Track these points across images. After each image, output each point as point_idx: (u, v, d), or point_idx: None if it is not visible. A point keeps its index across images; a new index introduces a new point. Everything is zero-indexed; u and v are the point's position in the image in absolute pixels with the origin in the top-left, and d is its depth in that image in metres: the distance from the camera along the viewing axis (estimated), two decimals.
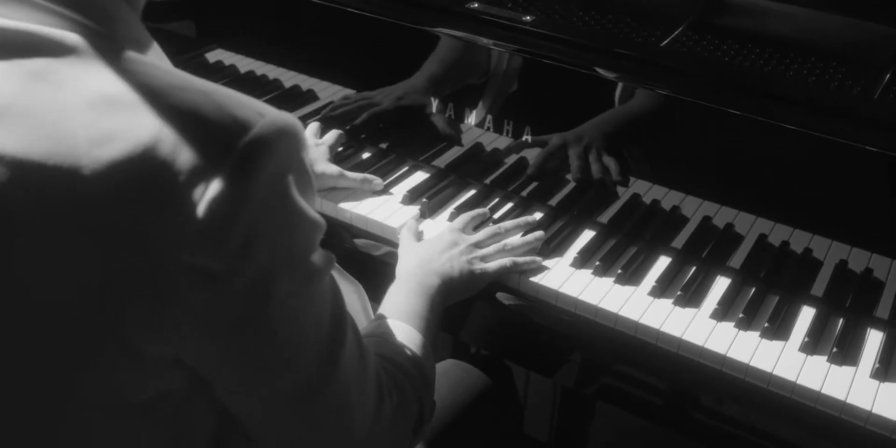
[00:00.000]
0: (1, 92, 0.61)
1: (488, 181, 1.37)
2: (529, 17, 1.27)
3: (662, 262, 1.22)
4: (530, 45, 1.24)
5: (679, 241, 1.23)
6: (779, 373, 1.05)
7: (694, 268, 1.21)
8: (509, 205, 1.34)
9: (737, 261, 1.20)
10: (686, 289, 1.16)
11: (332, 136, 1.41)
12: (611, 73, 1.20)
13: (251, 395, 0.73)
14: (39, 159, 0.59)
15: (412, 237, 1.22)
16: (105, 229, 0.60)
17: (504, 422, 1.31)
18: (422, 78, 1.37)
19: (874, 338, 1.11)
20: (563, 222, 1.30)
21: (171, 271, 0.60)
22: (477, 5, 1.31)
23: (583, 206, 1.29)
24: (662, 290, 1.17)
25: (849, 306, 1.14)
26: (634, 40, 1.33)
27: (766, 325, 1.10)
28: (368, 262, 1.31)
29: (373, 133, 1.47)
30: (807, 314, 1.14)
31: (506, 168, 1.35)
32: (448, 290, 1.10)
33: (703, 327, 1.11)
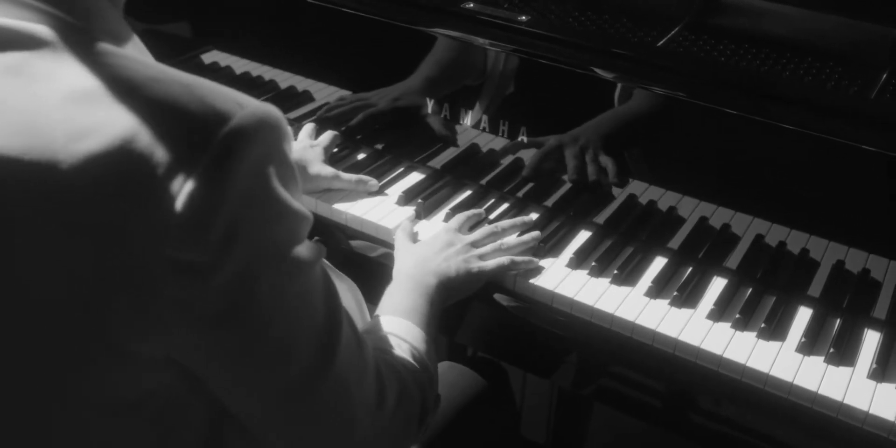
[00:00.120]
0: None
1: (484, 182, 1.36)
2: (525, 17, 1.27)
3: (659, 263, 1.22)
4: (526, 44, 1.24)
5: (675, 242, 1.23)
6: (775, 373, 1.04)
7: (690, 268, 1.21)
8: (505, 205, 1.34)
9: (733, 261, 1.19)
10: (682, 289, 1.16)
11: (327, 138, 1.41)
12: (607, 72, 1.19)
13: (246, 391, 0.72)
14: (17, 154, 0.59)
15: (408, 238, 1.21)
16: (84, 224, 0.59)
17: (500, 424, 1.31)
18: (418, 79, 1.37)
19: (871, 338, 1.10)
20: (559, 223, 1.29)
21: (153, 266, 0.60)
22: (472, 5, 1.31)
23: (579, 207, 1.29)
24: (659, 290, 1.16)
25: (846, 307, 1.13)
26: (631, 40, 1.33)
27: (763, 326, 1.10)
28: (365, 263, 1.30)
29: (368, 134, 1.46)
30: (804, 315, 1.14)
31: (501, 169, 1.34)
32: (446, 289, 1.10)
33: (699, 328, 1.11)
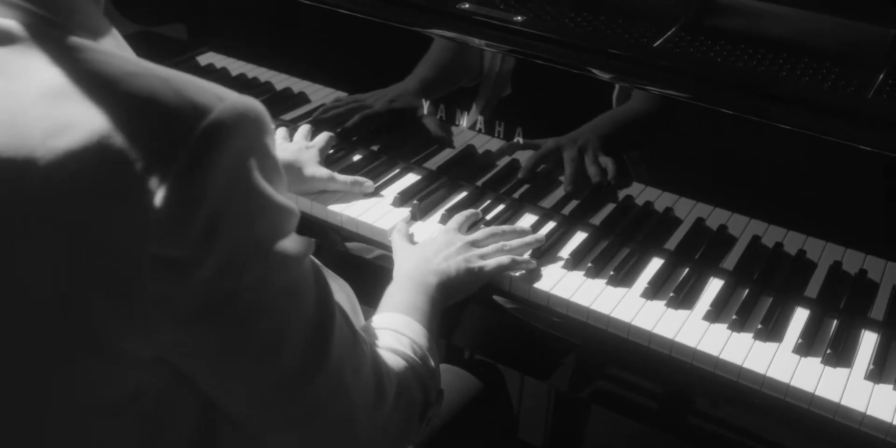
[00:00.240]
0: None
1: (480, 183, 1.36)
2: (521, 18, 1.26)
3: (655, 264, 1.21)
4: (522, 45, 1.24)
5: (672, 243, 1.22)
6: (772, 375, 1.03)
7: (687, 269, 1.20)
8: (501, 206, 1.33)
9: (730, 262, 1.19)
10: (679, 290, 1.15)
11: (322, 139, 1.40)
12: (603, 73, 1.19)
13: (237, 388, 0.71)
14: None
15: (405, 239, 1.21)
16: (64, 221, 0.59)
17: (497, 426, 1.30)
18: (414, 81, 1.36)
19: (868, 339, 1.10)
20: (555, 224, 1.29)
21: (134, 262, 0.59)
22: (468, 6, 1.31)
23: (575, 208, 1.28)
24: (655, 291, 1.16)
25: (843, 308, 1.13)
26: (627, 40, 1.32)
27: (760, 327, 1.09)
28: (361, 265, 1.30)
29: (364, 135, 1.46)
30: (801, 316, 1.13)
31: (497, 170, 1.34)
32: (446, 288, 1.09)
33: (695, 329, 1.10)
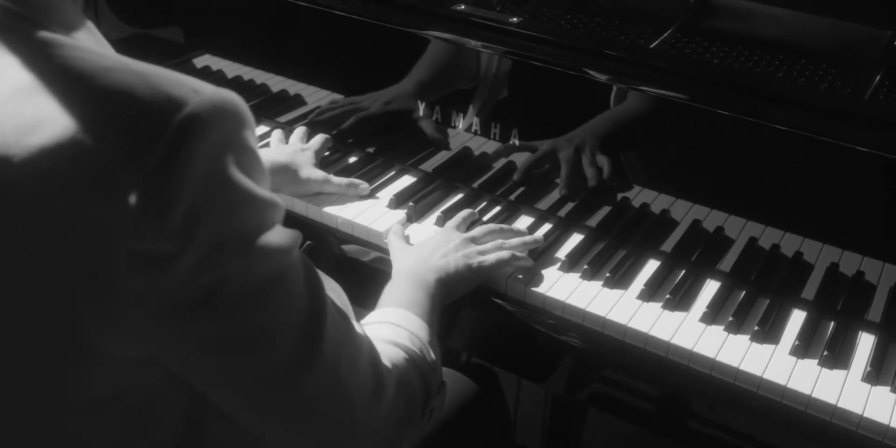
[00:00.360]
0: None
1: (476, 185, 1.35)
2: (516, 19, 1.26)
3: (651, 266, 1.21)
4: (517, 46, 1.23)
5: (668, 245, 1.22)
6: (769, 377, 1.03)
7: (683, 271, 1.20)
8: (497, 208, 1.33)
9: (727, 264, 1.18)
10: (675, 292, 1.15)
11: (318, 141, 1.40)
12: (600, 74, 1.18)
13: (228, 384, 0.70)
14: None
15: (401, 240, 1.20)
16: (39, 218, 0.58)
17: (492, 429, 1.29)
18: (410, 83, 1.36)
19: (866, 341, 1.09)
20: (552, 226, 1.29)
21: (111, 258, 0.59)
22: (464, 7, 1.30)
23: (571, 210, 1.28)
24: (651, 293, 1.15)
25: (840, 309, 1.12)
26: (623, 42, 1.32)
27: (757, 329, 1.09)
28: (357, 267, 1.29)
29: (360, 137, 1.45)
30: (797, 317, 1.12)
31: (493, 172, 1.33)
32: (446, 285, 1.08)
33: (692, 331, 1.10)
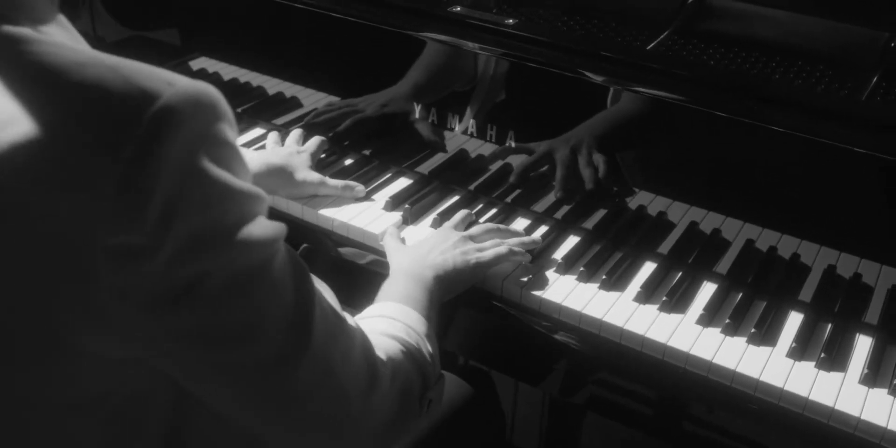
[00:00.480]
0: None
1: (472, 187, 1.35)
2: (512, 21, 1.26)
3: (648, 268, 1.20)
4: (513, 48, 1.23)
5: (665, 247, 1.21)
6: (766, 379, 1.02)
7: (680, 273, 1.19)
8: (493, 210, 1.33)
9: (723, 266, 1.18)
10: (672, 294, 1.14)
11: (314, 143, 1.39)
12: (596, 76, 1.18)
13: (218, 379, 0.69)
14: None
15: (397, 241, 1.20)
16: (14, 215, 0.58)
17: (487, 431, 1.29)
18: (407, 85, 1.35)
19: (863, 343, 1.09)
20: (548, 228, 1.28)
21: (88, 254, 0.58)
22: (460, 9, 1.30)
23: (567, 212, 1.27)
24: (648, 295, 1.15)
25: (837, 312, 1.12)
26: (620, 43, 1.32)
27: (753, 331, 1.08)
28: (354, 270, 1.29)
29: (356, 139, 1.45)
30: (794, 320, 1.12)
31: (490, 174, 1.33)
32: (444, 281, 1.08)
33: (688, 333, 1.09)
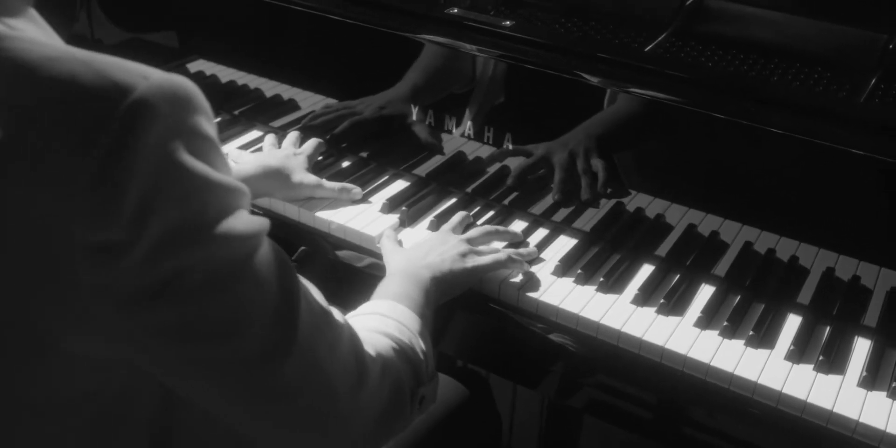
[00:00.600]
0: None
1: (470, 190, 1.34)
2: (510, 22, 1.26)
3: (646, 270, 1.20)
4: (511, 50, 1.23)
5: (663, 249, 1.21)
6: (764, 382, 1.02)
7: (678, 276, 1.19)
8: (491, 213, 1.32)
9: (722, 269, 1.18)
10: (669, 297, 1.14)
11: (311, 146, 1.39)
12: (593, 77, 1.18)
13: (202, 375, 0.69)
14: None
15: (394, 243, 1.19)
16: None
17: (482, 433, 1.28)
18: (404, 87, 1.35)
19: (862, 346, 1.08)
20: (545, 230, 1.28)
21: (65, 251, 0.58)
22: (457, 11, 1.30)
23: (565, 215, 1.27)
24: (645, 298, 1.14)
25: (836, 314, 1.11)
26: (617, 45, 1.31)
27: (752, 334, 1.08)
28: (351, 273, 1.28)
29: (353, 142, 1.45)
30: (793, 322, 1.11)
31: (487, 176, 1.32)
32: (441, 282, 1.07)
33: (686, 336, 1.08)
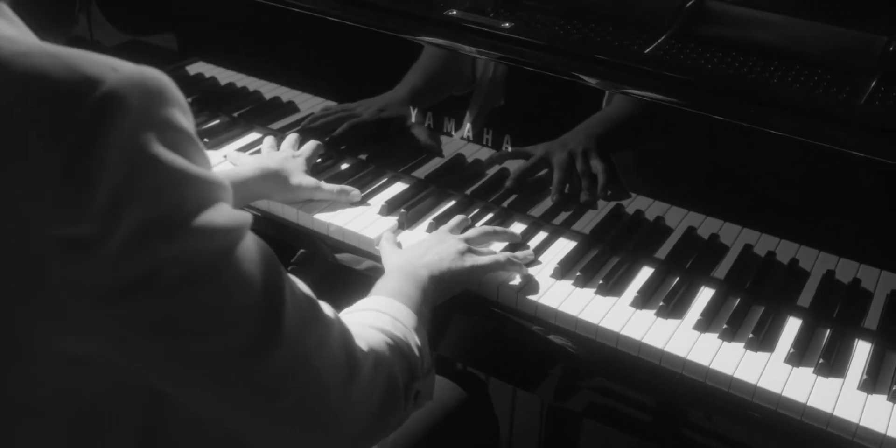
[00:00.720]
0: None
1: (468, 192, 1.34)
2: (509, 24, 1.25)
3: (645, 273, 1.20)
4: (510, 51, 1.22)
5: (662, 252, 1.21)
6: (764, 385, 1.01)
7: (677, 278, 1.18)
8: (490, 215, 1.32)
9: (721, 271, 1.17)
10: (669, 299, 1.13)
11: (309, 148, 1.39)
12: (593, 79, 1.17)
13: (187, 372, 0.68)
14: None
15: (393, 245, 1.19)
16: None
17: (479, 435, 1.28)
18: (403, 90, 1.35)
19: (862, 349, 1.08)
20: (544, 233, 1.28)
21: (39, 246, 0.57)
22: (456, 13, 1.30)
23: (564, 217, 1.27)
24: (645, 301, 1.14)
25: (836, 317, 1.11)
26: (617, 47, 1.31)
27: (751, 337, 1.07)
28: (350, 276, 1.28)
29: (352, 144, 1.44)
30: (793, 325, 1.11)
31: (486, 179, 1.32)
32: (439, 281, 1.07)
33: (685, 338, 1.08)
